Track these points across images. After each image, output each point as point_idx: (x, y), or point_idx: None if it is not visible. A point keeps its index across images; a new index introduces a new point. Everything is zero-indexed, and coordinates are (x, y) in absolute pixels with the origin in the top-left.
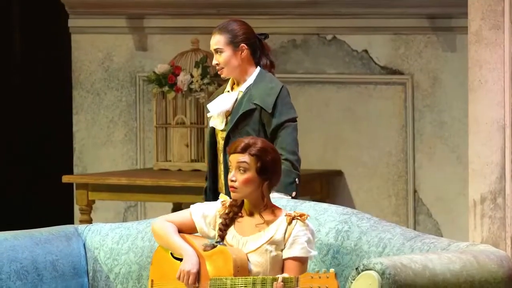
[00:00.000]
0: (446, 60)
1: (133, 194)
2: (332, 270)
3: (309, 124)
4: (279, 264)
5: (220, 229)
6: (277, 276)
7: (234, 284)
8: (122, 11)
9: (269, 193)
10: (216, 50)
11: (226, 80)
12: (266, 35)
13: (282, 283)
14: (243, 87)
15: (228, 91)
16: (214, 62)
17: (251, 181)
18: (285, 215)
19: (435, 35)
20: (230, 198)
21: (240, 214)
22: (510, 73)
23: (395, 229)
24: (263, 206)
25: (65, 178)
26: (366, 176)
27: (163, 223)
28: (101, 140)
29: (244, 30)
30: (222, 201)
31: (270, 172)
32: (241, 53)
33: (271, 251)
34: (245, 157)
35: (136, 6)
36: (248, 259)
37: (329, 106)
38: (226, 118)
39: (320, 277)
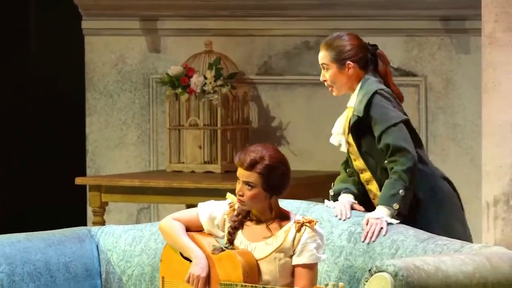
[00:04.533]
0: (460, 62)
1: (146, 196)
2: (341, 284)
3: (320, 124)
4: (288, 271)
5: (229, 233)
6: None
7: None
8: (135, 13)
9: (278, 203)
10: (323, 66)
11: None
12: (375, 46)
13: None
14: (351, 102)
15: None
16: (322, 78)
17: (257, 197)
18: (293, 222)
19: (448, 37)
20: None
21: (248, 218)
22: None
23: (408, 231)
24: (271, 217)
25: (78, 180)
26: None
27: (171, 222)
28: (114, 142)
29: (351, 46)
30: (230, 203)
31: (277, 187)
32: (347, 70)
33: (280, 259)
34: (251, 176)
35: (150, 8)
36: (257, 264)
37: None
38: (346, 139)
39: None
